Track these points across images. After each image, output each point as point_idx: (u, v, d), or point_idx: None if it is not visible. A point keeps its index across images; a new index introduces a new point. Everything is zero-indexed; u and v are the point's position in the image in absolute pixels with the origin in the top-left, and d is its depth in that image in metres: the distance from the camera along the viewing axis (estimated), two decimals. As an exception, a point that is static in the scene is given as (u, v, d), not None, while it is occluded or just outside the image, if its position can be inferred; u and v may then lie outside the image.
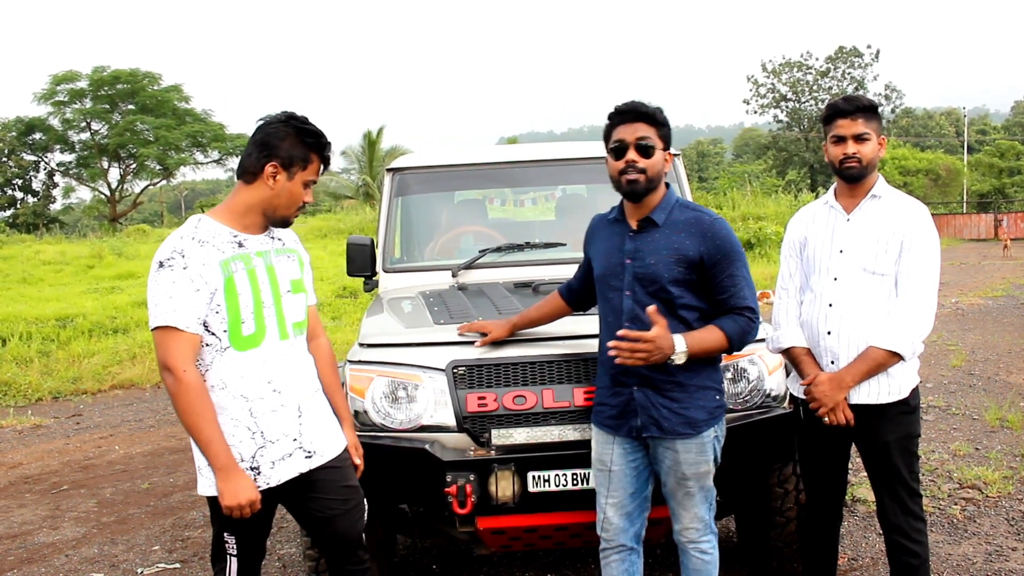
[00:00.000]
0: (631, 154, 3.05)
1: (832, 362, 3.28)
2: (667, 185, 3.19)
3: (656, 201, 3.11)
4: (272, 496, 2.88)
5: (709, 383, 3.10)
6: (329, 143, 2.90)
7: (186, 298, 2.65)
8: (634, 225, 3.13)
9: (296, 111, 2.90)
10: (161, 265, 2.66)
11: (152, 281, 2.68)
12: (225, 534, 2.86)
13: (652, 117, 3.08)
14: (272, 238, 2.95)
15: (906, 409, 3.25)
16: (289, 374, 2.90)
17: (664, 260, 3.02)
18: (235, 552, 2.87)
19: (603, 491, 3.22)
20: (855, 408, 3.23)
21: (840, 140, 3.25)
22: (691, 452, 3.06)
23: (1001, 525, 4.91)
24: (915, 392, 3.28)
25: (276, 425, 2.84)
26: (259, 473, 2.81)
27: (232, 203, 2.86)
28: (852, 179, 3.26)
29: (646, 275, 3.03)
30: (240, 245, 2.81)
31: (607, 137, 3.16)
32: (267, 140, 2.80)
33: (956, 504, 5.26)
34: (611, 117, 3.15)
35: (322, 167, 2.92)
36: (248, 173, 2.83)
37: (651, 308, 2.92)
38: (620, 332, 2.93)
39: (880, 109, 3.43)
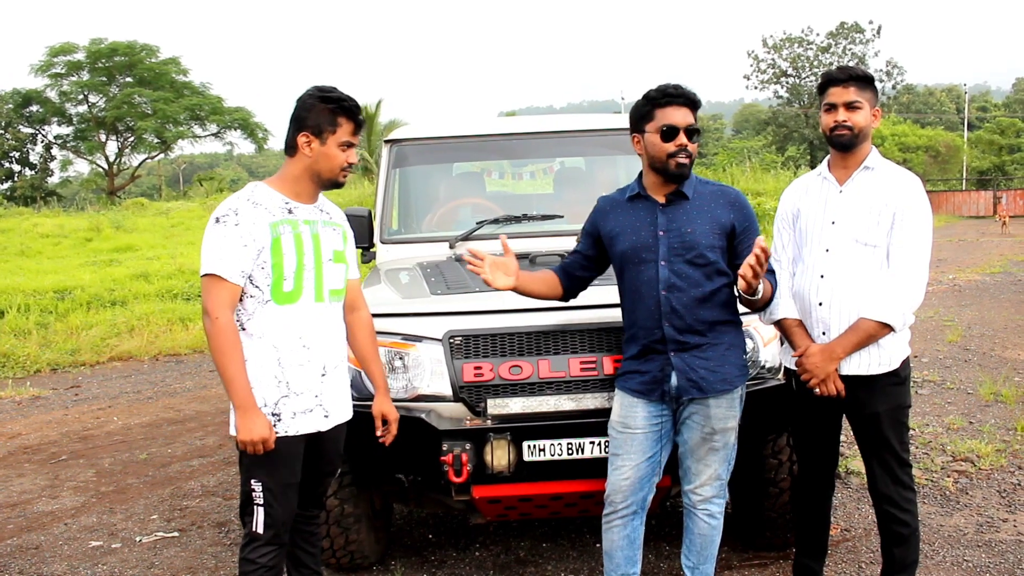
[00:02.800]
0: (682, 138, 3.15)
1: (823, 333, 3.29)
2: None
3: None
4: (298, 446, 3.03)
5: (738, 342, 3.27)
6: (354, 105, 3.07)
7: (233, 252, 2.88)
8: (662, 200, 3.23)
9: (325, 83, 3.14)
10: (217, 221, 2.91)
11: (207, 234, 2.93)
12: (252, 481, 2.99)
13: (696, 104, 3.21)
14: (320, 210, 3.14)
15: (896, 380, 3.27)
16: (319, 334, 3.06)
17: (701, 228, 3.17)
18: (262, 501, 2.98)
19: (622, 452, 3.26)
20: (845, 379, 3.25)
21: (831, 108, 3.25)
22: (722, 407, 3.19)
23: (993, 497, 4.96)
24: (905, 363, 3.30)
25: (301, 379, 3.01)
26: (279, 420, 2.98)
27: (283, 174, 3.10)
28: (842, 147, 3.26)
29: (683, 244, 3.16)
30: (290, 212, 3.02)
31: (646, 116, 3.21)
32: (297, 114, 3.03)
33: (949, 476, 5.30)
34: (655, 99, 3.20)
35: (356, 128, 3.08)
36: (290, 147, 3.06)
37: (759, 239, 2.93)
38: (760, 245, 2.87)
39: (881, 85, 3.48)
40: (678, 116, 3.15)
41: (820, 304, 3.29)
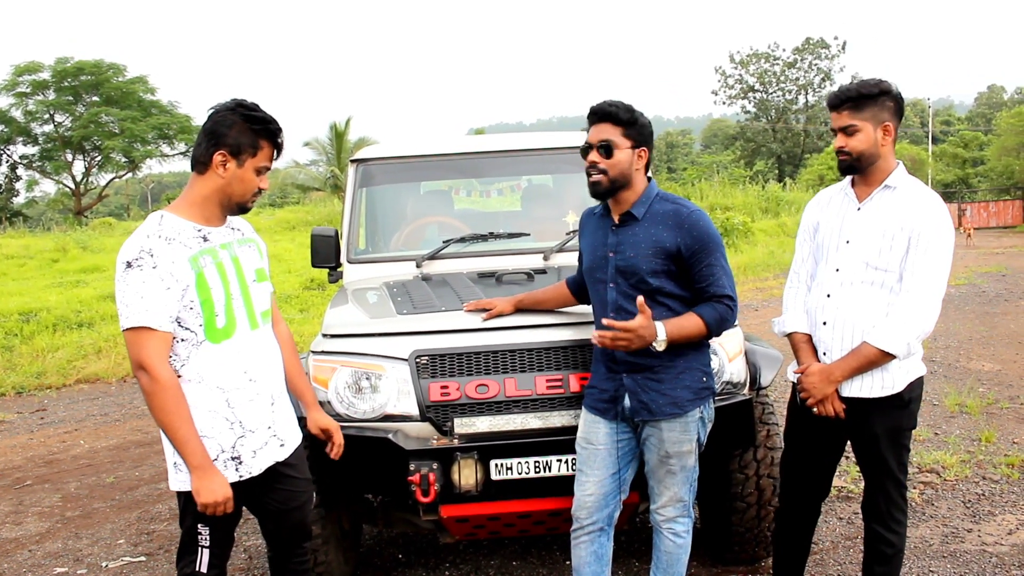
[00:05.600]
0: (592, 155, 3.15)
1: (824, 353, 3.24)
2: (649, 179, 3.27)
3: (636, 196, 3.20)
4: (244, 486, 2.88)
5: (696, 364, 3.20)
6: (279, 128, 2.87)
7: (157, 297, 2.65)
8: (616, 219, 3.23)
9: (247, 98, 2.87)
10: (129, 265, 2.65)
11: (121, 281, 2.66)
12: (199, 525, 2.85)
13: (615, 117, 3.14)
14: (232, 229, 2.96)
15: (899, 403, 3.17)
16: (262, 363, 2.93)
17: (643, 253, 3.11)
18: (207, 544, 2.86)
19: (585, 468, 3.27)
20: (846, 400, 3.20)
21: (834, 132, 3.21)
22: (675, 431, 3.16)
23: (958, 508, 5.02)
24: (912, 385, 3.19)
25: (253, 415, 2.87)
26: (241, 463, 2.84)
27: (189, 195, 2.86)
28: (844, 171, 3.23)
29: (627, 267, 3.13)
30: (205, 239, 2.81)
31: None
32: (215, 129, 2.79)
33: (915, 488, 5.35)
34: (587, 118, 3.25)
35: (275, 153, 2.90)
36: (199, 163, 2.82)
37: (640, 299, 3.02)
38: (605, 321, 3.05)
39: None
40: (593, 133, 3.17)
41: (824, 324, 3.24)
